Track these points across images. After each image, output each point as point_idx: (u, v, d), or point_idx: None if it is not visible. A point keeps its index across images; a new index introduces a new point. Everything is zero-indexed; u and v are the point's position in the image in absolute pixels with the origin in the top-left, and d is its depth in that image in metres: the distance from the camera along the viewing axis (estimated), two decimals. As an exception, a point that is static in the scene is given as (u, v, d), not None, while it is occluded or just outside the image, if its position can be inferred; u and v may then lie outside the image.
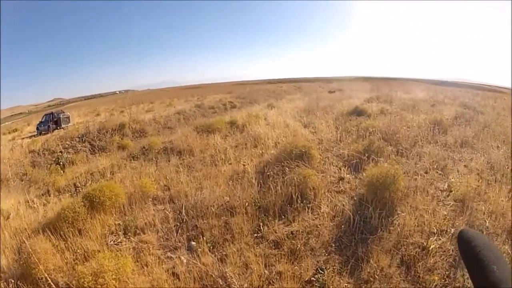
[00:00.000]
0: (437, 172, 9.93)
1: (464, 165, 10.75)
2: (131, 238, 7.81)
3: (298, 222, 7.62)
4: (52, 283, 6.33)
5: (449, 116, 17.63)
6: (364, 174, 9.04)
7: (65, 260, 7.10)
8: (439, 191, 8.82)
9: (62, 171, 16.39)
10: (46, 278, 6.51)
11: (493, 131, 14.55)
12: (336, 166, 10.60)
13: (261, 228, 7.52)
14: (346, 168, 10.34)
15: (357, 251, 6.55)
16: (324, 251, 6.70)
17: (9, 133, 38.07)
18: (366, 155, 10.46)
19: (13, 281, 6.64)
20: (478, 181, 9.11)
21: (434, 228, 7.05)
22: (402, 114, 17.94)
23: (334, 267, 6.28)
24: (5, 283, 6.69)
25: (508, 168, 10.10)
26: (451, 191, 8.64)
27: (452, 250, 6.39)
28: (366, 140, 12.22)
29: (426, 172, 9.92)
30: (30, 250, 6.83)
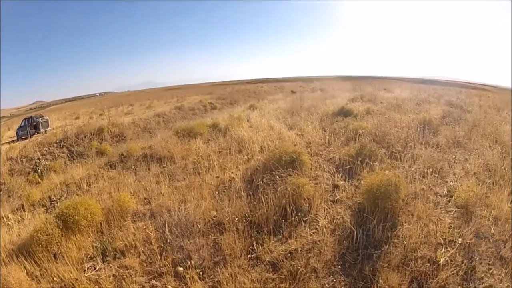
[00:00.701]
0: (434, 175, 9.45)
1: (460, 167, 10.42)
2: (111, 263, 7.11)
3: (296, 238, 7.02)
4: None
5: (437, 115, 17.39)
6: (362, 182, 8.59)
7: (41, 291, 6.52)
8: (439, 197, 8.47)
9: (40, 180, 15.92)
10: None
11: (483, 130, 14.36)
12: (329, 172, 10.05)
13: (255, 247, 6.87)
14: (340, 174, 9.81)
15: (364, 269, 6.08)
16: (327, 272, 6.18)
17: (-11, 138, 37.45)
18: (359, 159, 9.96)
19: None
20: (478, 184, 8.67)
21: (441, 238, 6.65)
22: (389, 114, 17.49)
23: (341, 290, 5.76)
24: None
25: (505, 169, 9.76)
26: (451, 196, 8.31)
27: (463, 263, 6.03)
28: (357, 142, 11.80)
29: (423, 176, 9.44)
30: (4, 281, 6.42)
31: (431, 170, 9.57)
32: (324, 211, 7.82)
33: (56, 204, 11.05)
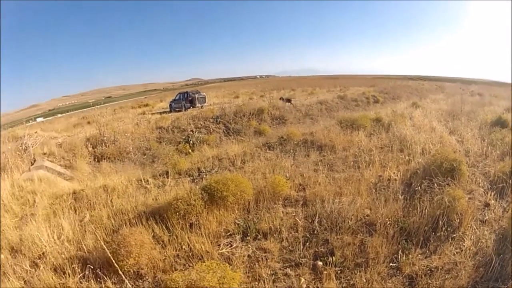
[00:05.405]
0: None
1: None
2: (249, 243, 7.34)
3: (439, 255, 6.75)
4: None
5: None
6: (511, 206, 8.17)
7: (164, 256, 6.90)
8: None
9: (190, 151, 16.85)
10: (134, 272, 6.45)
11: None
12: (482, 187, 9.55)
13: (399, 256, 6.69)
14: (493, 192, 9.23)
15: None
16: (457, 299, 5.91)
17: (139, 107, 40.30)
18: (514, 179, 9.35)
19: (92, 267, 6.46)
20: None
21: None
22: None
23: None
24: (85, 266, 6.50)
25: None
26: None
27: None
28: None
29: None
30: (122, 241, 6.59)
31: None
32: (472, 231, 7.46)
33: (204, 176, 11.54)
